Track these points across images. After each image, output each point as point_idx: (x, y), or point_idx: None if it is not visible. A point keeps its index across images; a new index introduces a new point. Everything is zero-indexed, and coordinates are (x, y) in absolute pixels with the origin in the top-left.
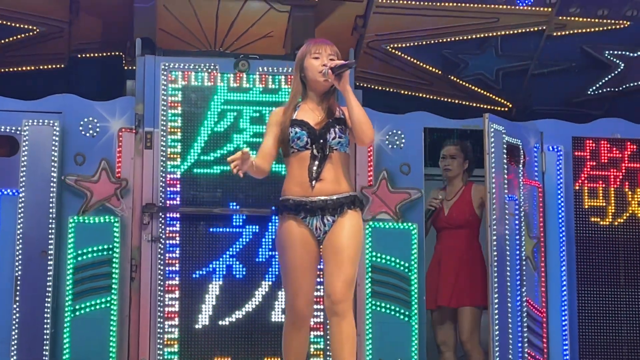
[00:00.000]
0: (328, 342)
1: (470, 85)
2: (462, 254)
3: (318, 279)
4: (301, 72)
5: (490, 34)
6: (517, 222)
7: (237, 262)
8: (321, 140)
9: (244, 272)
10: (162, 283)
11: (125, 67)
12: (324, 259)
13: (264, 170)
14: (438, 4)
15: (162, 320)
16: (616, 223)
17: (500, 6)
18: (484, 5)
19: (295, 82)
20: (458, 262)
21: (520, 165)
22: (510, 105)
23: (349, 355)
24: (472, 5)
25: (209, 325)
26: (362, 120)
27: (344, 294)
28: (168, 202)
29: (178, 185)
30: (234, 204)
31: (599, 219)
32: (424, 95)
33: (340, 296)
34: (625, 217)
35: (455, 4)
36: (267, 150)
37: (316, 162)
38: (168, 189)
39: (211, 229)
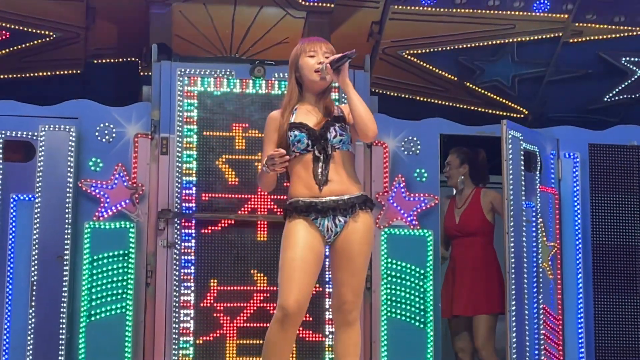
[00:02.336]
0: None
1: (486, 92)
2: (476, 262)
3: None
4: (296, 72)
5: (506, 41)
6: (533, 229)
7: (255, 269)
8: (322, 141)
9: (260, 279)
10: (177, 288)
11: (141, 73)
12: (335, 264)
13: (274, 181)
14: (454, 10)
15: (177, 325)
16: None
17: (517, 13)
18: (500, 12)
19: (291, 83)
20: (472, 270)
21: (537, 172)
22: (526, 112)
23: (358, 356)
24: (488, 11)
25: (225, 331)
26: (365, 115)
27: (356, 303)
28: (183, 207)
29: (194, 191)
30: (250, 210)
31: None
32: (440, 102)
33: (352, 306)
34: None
35: (471, 11)
36: None
37: (320, 164)
38: (183, 194)
39: (227, 235)
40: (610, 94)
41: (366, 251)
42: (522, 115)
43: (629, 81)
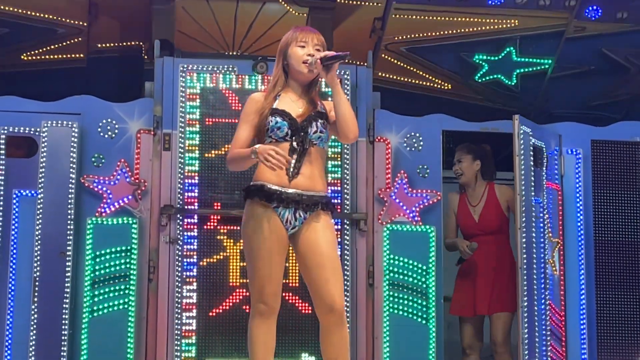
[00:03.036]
0: None
1: (488, 88)
2: (498, 260)
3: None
4: (284, 59)
5: (509, 36)
6: (541, 224)
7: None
8: (302, 133)
9: None
10: (179, 284)
11: (144, 69)
12: (308, 266)
13: (249, 166)
14: (456, 6)
15: (179, 321)
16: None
17: (519, 8)
18: (502, 8)
19: (277, 69)
20: (494, 269)
21: (544, 168)
22: (529, 108)
23: (347, 352)
24: (490, 7)
25: (228, 326)
26: (348, 116)
27: (342, 304)
28: (186, 203)
29: (196, 187)
30: None
31: (617, 223)
32: (442, 98)
33: (340, 306)
34: None
35: (473, 7)
36: (245, 141)
37: (294, 156)
38: (186, 190)
39: (229, 230)
40: (613, 90)
41: (334, 245)
42: (524, 112)
43: (632, 77)
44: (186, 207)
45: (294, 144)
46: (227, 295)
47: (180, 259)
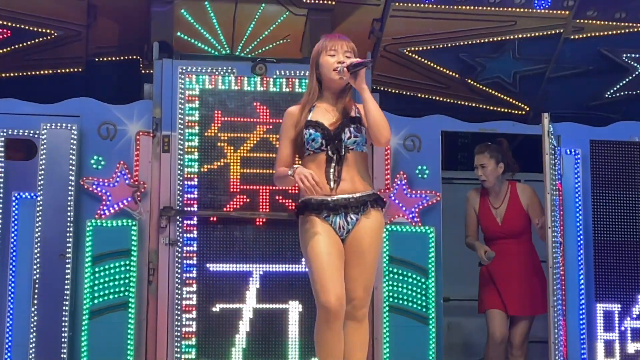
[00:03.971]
0: None
1: (487, 89)
2: (522, 263)
3: None
4: (317, 69)
5: (508, 37)
6: (557, 224)
7: (256, 266)
8: (336, 141)
9: (262, 276)
10: (179, 286)
11: (143, 71)
12: (346, 260)
13: (291, 183)
14: (455, 7)
15: (179, 323)
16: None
17: (518, 9)
18: (501, 9)
19: (311, 80)
20: (517, 274)
21: (557, 167)
22: (528, 109)
23: (365, 350)
24: (489, 8)
25: (228, 328)
26: (379, 121)
27: (366, 300)
28: (185, 205)
29: (195, 189)
30: (252, 207)
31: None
32: (441, 99)
33: (362, 302)
34: None
35: (472, 7)
36: (287, 157)
37: (333, 164)
38: (185, 192)
39: (228, 232)
40: (612, 90)
41: (377, 248)
42: (523, 112)
43: (630, 77)
44: (186, 208)
45: (329, 152)
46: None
47: (180, 260)
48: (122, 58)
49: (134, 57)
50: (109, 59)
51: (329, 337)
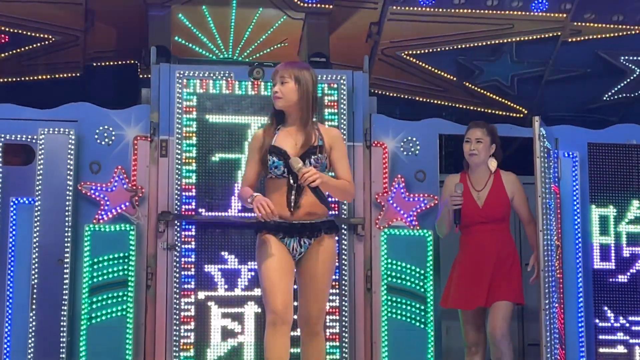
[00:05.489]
0: (344, 353)
1: (485, 92)
2: (500, 251)
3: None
4: None
5: (505, 40)
6: (552, 227)
7: (253, 271)
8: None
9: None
10: (177, 290)
11: (140, 76)
12: (299, 283)
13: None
14: (452, 10)
15: (177, 327)
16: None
17: (515, 12)
18: (498, 12)
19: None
20: (495, 259)
21: (551, 170)
22: (526, 112)
23: None
24: (486, 11)
25: (226, 332)
26: (341, 196)
27: (320, 318)
28: (183, 210)
29: (193, 193)
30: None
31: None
32: (439, 102)
33: (317, 320)
34: None
35: (469, 11)
36: (252, 177)
37: (293, 191)
38: (183, 196)
39: (227, 237)
40: (609, 93)
41: (329, 273)
42: (521, 115)
43: (628, 80)
44: (184, 213)
45: (291, 181)
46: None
47: (178, 265)
48: (119, 63)
49: (132, 61)
50: (107, 63)
51: (275, 340)
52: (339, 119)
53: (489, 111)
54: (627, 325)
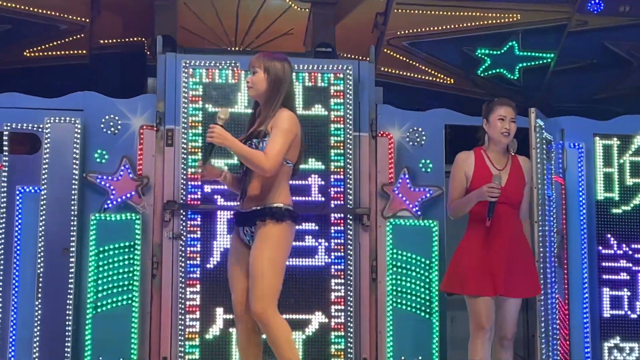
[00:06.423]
0: (349, 343)
1: (491, 82)
2: (514, 238)
3: None
4: None
5: (512, 30)
6: (552, 218)
7: None
8: None
9: None
10: (183, 280)
11: (147, 65)
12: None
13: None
14: (458, 0)
15: (183, 316)
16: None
17: (522, 3)
18: (504, 2)
19: None
20: (512, 246)
21: (552, 161)
22: (531, 102)
23: (282, 353)
24: (493, 1)
25: (231, 322)
26: (249, 163)
27: (256, 307)
28: (189, 199)
29: (199, 182)
30: None
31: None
32: (445, 92)
33: (255, 310)
34: None
35: (476, 0)
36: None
37: (245, 179)
38: (189, 186)
39: (232, 226)
40: (615, 84)
41: (260, 258)
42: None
43: (634, 71)
44: (189, 202)
45: (244, 167)
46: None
47: (183, 254)
48: (125, 52)
49: (138, 51)
50: (113, 52)
51: (238, 336)
52: (344, 109)
53: None
54: (630, 252)
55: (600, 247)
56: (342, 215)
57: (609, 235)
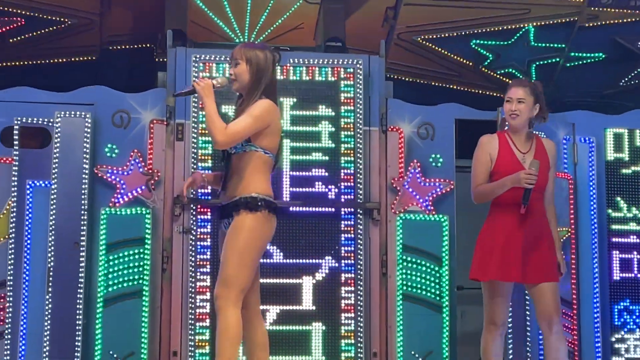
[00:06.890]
0: (359, 337)
1: (501, 77)
2: (534, 224)
3: None
4: None
5: (522, 25)
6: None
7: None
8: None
9: (274, 263)
10: (193, 274)
11: (157, 59)
12: None
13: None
14: None
15: (193, 310)
16: None
17: None
18: None
19: None
20: (530, 232)
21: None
22: None
23: (221, 349)
24: None
25: None
26: (208, 126)
27: (217, 290)
28: (199, 194)
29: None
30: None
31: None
32: (455, 87)
33: (215, 293)
34: None
35: None
36: None
37: (226, 173)
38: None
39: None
40: (626, 79)
41: (228, 247)
42: None
43: None
44: (199, 197)
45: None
46: None
47: (193, 248)
48: (136, 46)
49: (148, 45)
50: (123, 47)
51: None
52: (355, 104)
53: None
54: None
55: (610, 210)
56: (352, 210)
57: (618, 198)
